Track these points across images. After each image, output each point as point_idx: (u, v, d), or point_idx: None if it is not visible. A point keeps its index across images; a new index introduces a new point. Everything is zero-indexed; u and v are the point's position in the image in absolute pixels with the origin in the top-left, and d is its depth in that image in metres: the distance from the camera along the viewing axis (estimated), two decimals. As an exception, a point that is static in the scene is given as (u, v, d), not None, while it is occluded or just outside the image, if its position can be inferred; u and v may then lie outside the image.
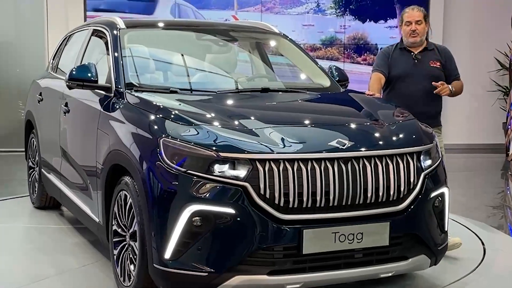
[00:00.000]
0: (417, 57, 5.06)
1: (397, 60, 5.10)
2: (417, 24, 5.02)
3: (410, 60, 5.06)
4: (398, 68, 5.07)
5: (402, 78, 5.05)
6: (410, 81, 5.02)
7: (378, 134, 3.86)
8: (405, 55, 5.10)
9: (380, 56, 5.23)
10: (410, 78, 5.02)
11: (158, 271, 3.52)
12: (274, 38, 5.52)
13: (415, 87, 4.99)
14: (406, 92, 5.01)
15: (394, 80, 5.09)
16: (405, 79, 5.04)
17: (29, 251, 5.09)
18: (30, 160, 6.54)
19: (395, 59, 5.11)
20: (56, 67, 6.17)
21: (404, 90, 5.03)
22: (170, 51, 5.22)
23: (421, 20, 5.04)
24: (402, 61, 5.08)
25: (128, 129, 3.95)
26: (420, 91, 4.98)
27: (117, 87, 4.38)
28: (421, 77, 4.99)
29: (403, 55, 5.10)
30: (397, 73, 5.07)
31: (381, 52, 5.30)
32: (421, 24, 5.04)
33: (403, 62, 5.07)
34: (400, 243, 3.72)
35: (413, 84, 5.00)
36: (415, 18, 5.03)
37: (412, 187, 3.75)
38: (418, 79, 5.00)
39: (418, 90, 4.98)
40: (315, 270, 3.54)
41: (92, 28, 5.35)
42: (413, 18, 5.03)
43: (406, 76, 5.04)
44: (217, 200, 3.40)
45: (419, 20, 5.04)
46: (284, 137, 3.60)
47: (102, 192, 4.23)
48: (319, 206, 3.50)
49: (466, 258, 4.90)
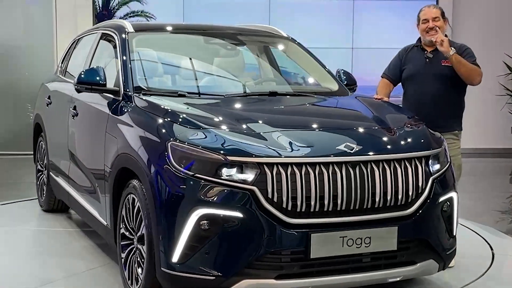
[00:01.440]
0: (428, 56, 4.90)
1: (410, 59, 4.98)
2: (434, 21, 4.85)
3: (422, 59, 4.91)
4: (409, 69, 4.96)
5: (412, 78, 4.93)
6: (420, 81, 4.88)
7: (386, 138, 3.85)
8: (418, 54, 4.96)
9: (393, 59, 5.12)
10: (420, 78, 4.88)
11: (165, 274, 3.52)
12: (282, 42, 5.52)
13: (425, 87, 4.85)
14: (416, 93, 4.90)
15: (406, 81, 5.00)
16: (415, 79, 4.91)
17: (37, 254, 5.10)
18: (38, 163, 6.56)
19: (409, 58, 4.99)
20: (65, 71, 6.19)
21: (413, 92, 4.93)
22: (178, 54, 5.24)
23: (438, 17, 4.88)
24: (414, 60, 4.95)
25: (136, 132, 3.96)
26: (430, 92, 4.83)
27: (125, 91, 4.39)
28: (432, 77, 4.84)
29: (417, 54, 4.96)
30: (408, 74, 4.96)
31: (397, 53, 5.15)
32: (439, 21, 4.87)
33: (415, 62, 4.94)
34: (408, 248, 3.70)
35: (422, 85, 4.86)
36: (431, 15, 4.87)
37: (420, 191, 3.74)
38: (428, 79, 4.85)
39: (427, 91, 4.84)
40: (323, 274, 3.53)
41: (100, 32, 5.37)
42: (430, 16, 4.88)
43: (416, 76, 4.91)
44: (224, 203, 3.40)
45: (436, 17, 4.87)
46: (292, 141, 3.60)
47: (110, 195, 4.23)
48: (327, 210, 3.49)
49: (474, 263, 4.88)
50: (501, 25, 11.23)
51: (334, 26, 11.24)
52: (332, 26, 11.23)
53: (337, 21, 11.25)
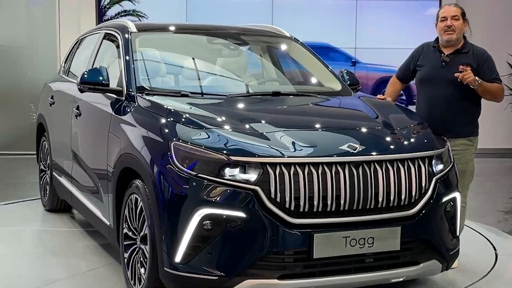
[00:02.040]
0: (444, 60, 4.68)
1: (426, 60, 4.78)
2: (453, 20, 4.65)
3: (438, 62, 4.71)
4: (424, 70, 4.77)
5: (426, 81, 4.74)
6: (434, 85, 4.68)
7: (389, 139, 3.84)
8: (434, 56, 4.74)
9: (408, 57, 4.95)
10: (435, 82, 4.68)
11: (168, 274, 3.52)
12: (285, 42, 5.51)
13: (439, 92, 4.65)
14: (429, 96, 4.71)
15: (420, 82, 4.81)
16: (429, 83, 4.72)
17: (40, 254, 5.10)
18: (41, 163, 6.57)
19: (424, 59, 4.79)
20: (68, 71, 6.20)
21: (427, 95, 4.73)
22: (181, 54, 5.24)
23: (457, 16, 4.65)
24: (430, 62, 4.75)
25: (139, 132, 3.96)
26: (444, 97, 4.63)
27: (128, 91, 4.39)
28: (447, 82, 4.61)
29: (433, 56, 4.75)
30: (422, 76, 4.78)
31: (414, 50, 4.94)
32: (458, 20, 4.65)
33: (430, 64, 4.74)
34: (411, 248, 3.69)
35: (436, 89, 4.66)
36: (451, 13, 4.66)
37: (423, 191, 3.73)
38: (442, 83, 4.64)
39: (441, 95, 4.64)
40: (326, 274, 3.52)
41: (103, 32, 5.37)
42: (449, 13, 4.66)
43: (430, 79, 4.71)
44: (227, 203, 3.40)
45: (456, 16, 4.65)
46: (295, 141, 3.59)
47: (113, 195, 4.23)
48: (330, 210, 3.49)
49: (477, 263, 4.87)
50: (505, 25, 11.20)
51: (336, 26, 11.22)
52: (335, 26, 11.22)
53: (339, 21, 11.23)
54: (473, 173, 4.80)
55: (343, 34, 11.18)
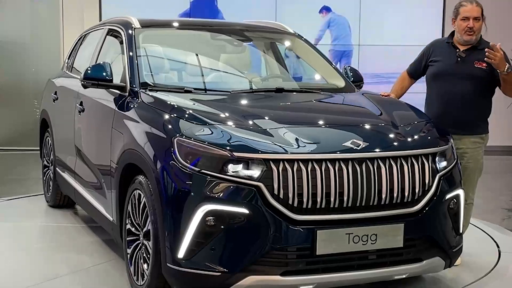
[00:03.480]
0: (460, 55, 4.58)
1: (440, 55, 4.68)
2: (475, 21, 4.53)
3: (453, 58, 4.61)
4: (438, 65, 4.67)
5: (440, 77, 4.64)
6: (448, 80, 4.59)
7: (392, 135, 3.84)
8: (449, 51, 4.65)
9: (419, 53, 4.86)
10: (449, 78, 4.59)
11: (171, 270, 3.52)
12: (288, 38, 5.50)
13: (454, 88, 4.56)
14: (443, 93, 4.62)
15: (433, 78, 4.70)
16: (443, 78, 4.62)
17: (43, 249, 5.11)
18: (45, 159, 6.57)
19: (439, 54, 4.69)
20: (71, 67, 6.20)
21: (441, 91, 4.63)
22: (184, 50, 5.23)
23: (479, 17, 4.54)
24: (444, 57, 4.65)
25: (143, 128, 3.96)
26: (459, 94, 4.55)
27: (131, 87, 4.39)
28: (462, 78, 4.54)
29: (448, 51, 4.65)
30: (436, 71, 4.68)
31: (425, 47, 4.85)
32: (479, 21, 4.54)
33: (445, 59, 4.65)
34: (414, 245, 3.69)
35: (451, 84, 4.57)
36: (473, 14, 4.52)
37: (427, 188, 3.72)
38: (457, 79, 4.55)
39: (457, 91, 4.55)
40: (329, 271, 3.52)
41: (107, 28, 5.37)
42: (472, 14, 4.52)
43: (445, 75, 4.62)
44: (230, 200, 3.40)
45: (478, 17, 4.54)
46: (298, 137, 3.59)
47: (116, 191, 4.24)
48: (333, 207, 3.48)
49: (480, 260, 4.86)
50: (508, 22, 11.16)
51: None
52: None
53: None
54: (482, 170, 4.79)
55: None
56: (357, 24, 11.11)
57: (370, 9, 11.09)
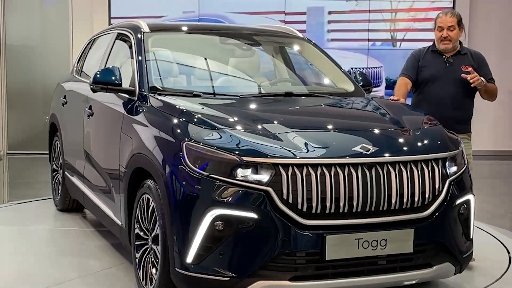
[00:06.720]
0: (449, 61, 4.97)
1: (428, 62, 5.02)
2: (449, 30, 4.91)
3: (442, 64, 4.97)
4: (429, 71, 4.99)
5: (432, 81, 4.97)
6: (439, 84, 4.94)
7: (402, 140, 3.82)
8: (437, 58, 5.01)
9: (409, 59, 5.15)
10: (440, 82, 4.94)
11: (179, 275, 3.52)
12: (297, 42, 5.49)
13: (445, 90, 4.91)
14: (435, 95, 4.94)
15: (424, 83, 5.02)
16: (434, 82, 4.96)
17: (52, 253, 5.11)
18: (53, 162, 6.59)
19: (426, 61, 5.03)
20: (81, 71, 6.21)
21: (433, 94, 4.96)
22: (193, 55, 5.23)
23: (453, 26, 4.92)
24: (433, 64, 5.00)
25: (151, 132, 3.96)
26: (450, 96, 4.90)
27: (140, 91, 4.39)
28: (451, 81, 4.90)
29: (435, 58, 5.01)
30: (427, 76, 4.99)
31: (411, 54, 5.19)
32: (454, 30, 4.92)
33: (434, 65, 4.98)
34: (424, 250, 3.67)
35: (442, 88, 4.92)
36: (447, 23, 4.91)
37: (437, 193, 3.70)
38: (448, 82, 4.91)
39: (447, 94, 4.90)
40: (338, 276, 3.50)
41: (116, 32, 5.38)
42: (445, 24, 4.92)
43: (436, 79, 4.96)
44: (239, 204, 3.39)
45: (452, 26, 4.91)
46: (307, 142, 3.57)
47: (125, 195, 4.23)
48: (342, 211, 3.47)
49: (491, 266, 4.83)
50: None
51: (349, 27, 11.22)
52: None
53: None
54: (471, 168, 4.85)
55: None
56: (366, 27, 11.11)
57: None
